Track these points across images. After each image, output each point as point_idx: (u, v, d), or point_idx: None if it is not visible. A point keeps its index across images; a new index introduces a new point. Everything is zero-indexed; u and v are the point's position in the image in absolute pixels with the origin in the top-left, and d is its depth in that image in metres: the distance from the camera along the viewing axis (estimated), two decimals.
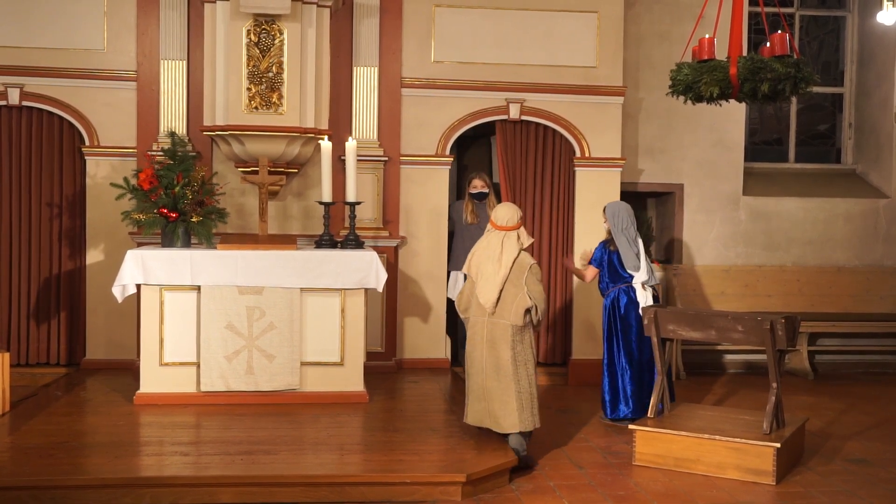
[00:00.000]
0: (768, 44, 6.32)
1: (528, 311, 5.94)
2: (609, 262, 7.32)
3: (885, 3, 8.24)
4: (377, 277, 7.13)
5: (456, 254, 8.52)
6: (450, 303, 8.72)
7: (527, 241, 6.10)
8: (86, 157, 8.25)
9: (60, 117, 8.24)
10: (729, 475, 5.93)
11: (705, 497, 5.59)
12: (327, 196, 7.43)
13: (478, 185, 8.51)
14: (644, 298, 7.22)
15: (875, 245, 10.11)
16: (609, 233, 7.35)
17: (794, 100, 10.19)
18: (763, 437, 5.96)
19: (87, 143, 8.22)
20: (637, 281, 7.27)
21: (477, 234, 8.31)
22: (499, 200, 8.44)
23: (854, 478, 6.05)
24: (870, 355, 10.03)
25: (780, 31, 6.30)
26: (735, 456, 5.93)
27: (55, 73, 8.11)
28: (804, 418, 6.64)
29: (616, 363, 7.29)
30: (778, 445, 5.83)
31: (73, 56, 8.15)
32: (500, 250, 6.01)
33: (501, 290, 5.95)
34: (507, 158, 8.66)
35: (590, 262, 7.44)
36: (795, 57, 6.28)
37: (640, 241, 7.38)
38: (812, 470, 6.21)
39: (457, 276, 8.51)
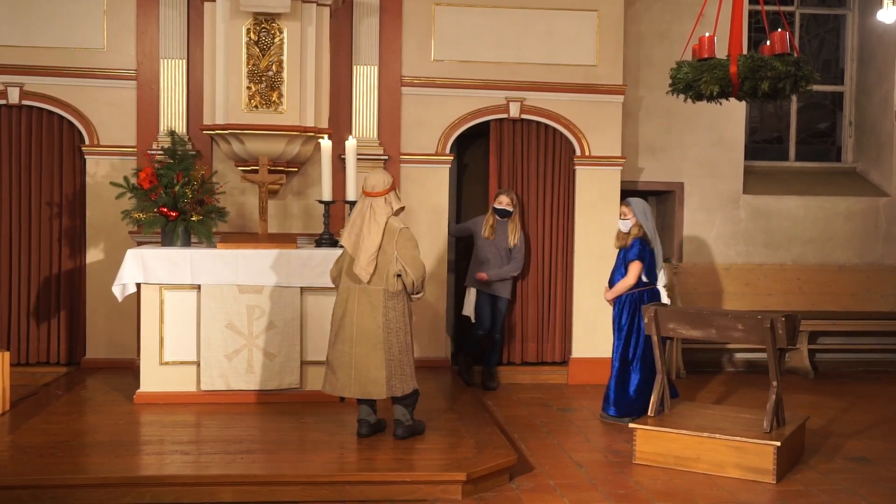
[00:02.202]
0: (768, 42, 6.31)
1: (399, 276, 5.93)
2: (649, 261, 7.28)
3: (886, 1, 8.23)
4: None
5: (472, 269, 8.48)
6: (456, 311, 8.72)
7: (396, 204, 6.06)
8: (86, 157, 8.25)
9: (60, 116, 8.24)
10: (729, 474, 5.93)
11: (706, 495, 5.59)
12: (327, 195, 7.43)
13: (503, 202, 8.32)
14: (667, 300, 7.23)
15: (875, 243, 10.11)
16: (640, 228, 7.29)
17: (794, 98, 10.20)
18: (763, 435, 5.96)
19: (87, 142, 8.22)
20: (661, 283, 7.25)
21: (492, 250, 8.32)
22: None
23: (855, 476, 6.05)
24: (870, 354, 10.02)
25: (780, 30, 6.30)
26: (735, 454, 5.93)
27: (55, 73, 8.11)
28: (805, 417, 6.64)
29: (631, 361, 7.27)
30: (778, 444, 5.83)
31: (73, 55, 8.15)
32: (370, 218, 5.97)
33: (377, 259, 5.93)
34: (499, 158, 8.66)
35: (634, 259, 7.30)
36: (795, 55, 6.28)
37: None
38: (812, 468, 6.21)
39: (471, 291, 8.49)
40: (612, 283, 7.45)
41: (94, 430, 6.35)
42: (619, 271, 7.39)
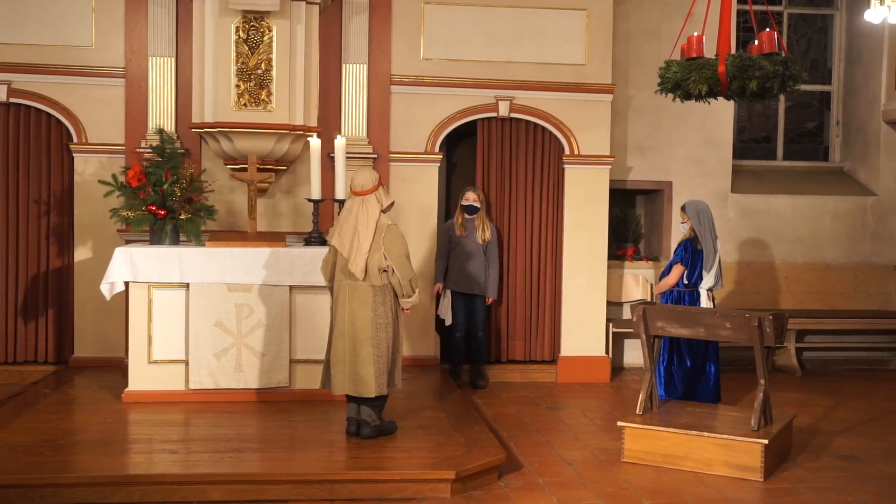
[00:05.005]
0: (756, 42, 6.34)
1: (385, 271, 5.95)
2: (692, 262, 7.28)
3: (873, 1, 8.26)
4: None
5: (449, 270, 8.45)
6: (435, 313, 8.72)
7: (386, 200, 6.07)
8: (74, 155, 8.22)
9: (48, 114, 8.20)
10: (717, 471, 5.95)
11: (694, 493, 5.61)
12: (316, 193, 7.42)
13: (469, 198, 8.34)
14: (707, 304, 7.22)
15: (863, 242, 10.15)
16: (693, 231, 7.30)
17: (782, 98, 10.24)
18: (751, 433, 5.98)
19: (75, 140, 8.19)
20: (704, 286, 7.24)
21: (467, 248, 8.32)
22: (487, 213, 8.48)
23: (842, 474, 6.08)
24: (858, 352, 10.07)
25: (768, 29, 6.33)
26: (723, 452, 5.95)
27: (43, 70, 8.08)
28: (792, 415, 6.67)
29: (669, 366, 7.29)
30: (766, 442, 5.86)
31: (62, 53, 8.12)
32: (362, 216, 5.98)
33: (368, 257, 5.93)
34: (486, 156, 8.66)
35: (675, 262, 7.36)
36: (783, 55, 6.31)
37: (719, 244, 7.36)
38: (800, 466, 6.23)
39: (446, 292, 8.48)
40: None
41: (82, 428, 6.33)
42: (667, 270, 7.49)
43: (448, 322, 8.41)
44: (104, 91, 8.20)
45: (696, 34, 6.48)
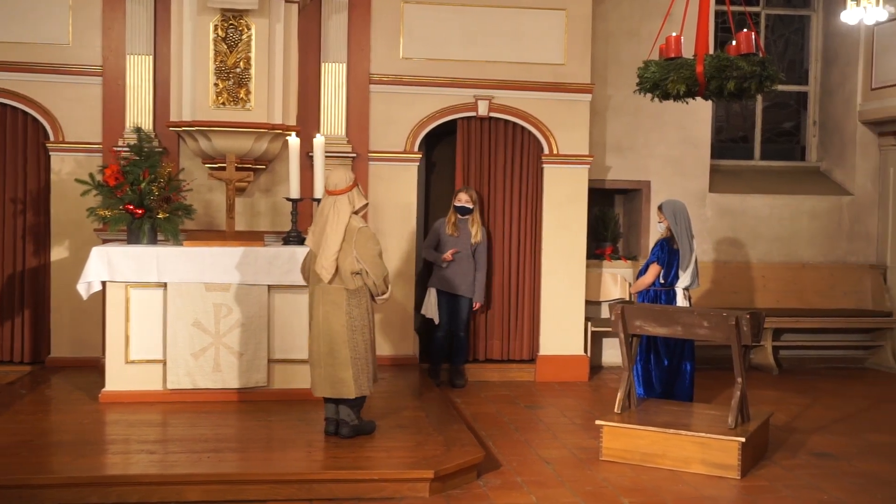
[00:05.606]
0: (734, 42, 6.37)
1: (357, 274, 5.92)
2: (668, 261, 7.30)
3: (849, 2, 8.33)
4: None
5: (435, 269, 8.45)
6: (418, 311, 8.70)
7: (359, 202, 6.01)
8: (50, 153, 8.17)
9: (25, 112, 8.14)
10: (694, 469, 5.99)
11: (671, 491, 5.63)
12: (295, 192, 7.41)
13: (463, 199, 8.34)
14: (683, 303, 7.25)
15: (839, 242, 10.23)
16: (670, 231, 7.32)
17: (759, 98, 10.31)
18: (728, 431, 6.01)
19: (51, 138, 8.13)
20: (680, 285, 7.27)
21: (457, 247, 8.32)
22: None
23: (818, 471, 6.13)
24: (833, 350, 10.15)
25: (745, 30, 6.36)
26: (700, 450, 5.99)
27: (19, 68, 8.01)
28: (769, 413, 6.71)
29: (647, 365, 7.32)
30: (743, 440, 5.89)
31: (38, 50, 8.06)
32: (332, 216, 5.93)
33: (337, 258, 5.90)
34: (466, 156, 8.67)
35: (651, 261, 7.38)
36: (761, 55, 6.35)
37: (696, 244, 7.38)
38: (777, 464, 6.28)
39: (431, 291, 8.47)
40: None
41: (58, 429, 6.30)
42: (644, 269, 7.51)
43: (436, 321, 8.41)
44: (81, 89, 8.14)
45: (674, 34, 6.51)
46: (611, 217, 9.92)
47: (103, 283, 6.95)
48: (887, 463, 6.37)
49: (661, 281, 7.33)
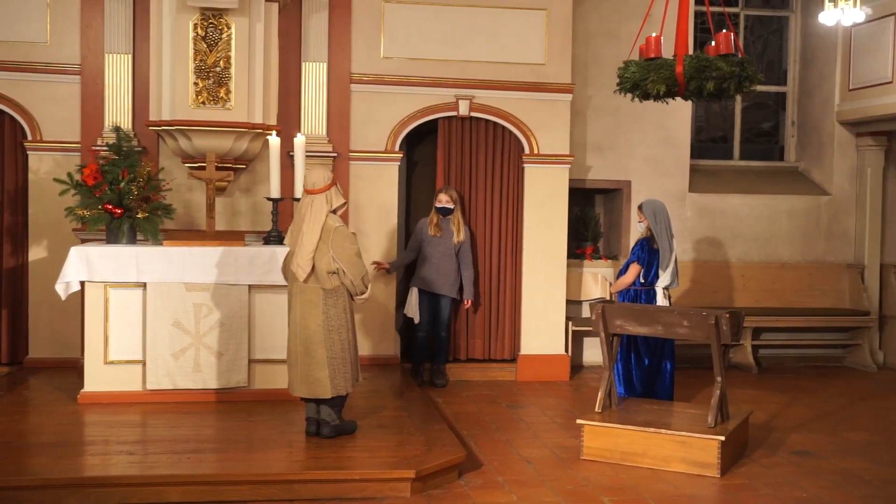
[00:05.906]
0: (714, 43, 6.41)
1: (334, 273, 5.90)
2: (648, 261, 7.32)
3: (827, 3, 8.39)
4: None
5: (417, 268, 8.46)
6: (401, 311, 8.68)
7: (336, 201, 5.98)
8: (28, 153, 8.11)
9: (2, 111, 8.08)
10: (674, 468, 6.01)
11: (651, 490, 5.65)
12: (275, 192, 7.39)
13: (442, 200, 8.35)
14: (664, 302, 7.27)
15: (817, 241, 10.30)
16: (650, 230, 7.34)
17: (738, 98, 10.36)
18: (708, 430, 6.04)
19: (29, 137, 8.07)
20: (660, 285, 7.28)
21: (440, 248, 8.32)
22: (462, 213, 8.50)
23: (797, 469, 6.17)
24: (812, 349, 10.23)
25: (725, 31, 6.39)
26: (680, 449, 6.01)
27: None
28: (748, 411, 6.75)
29: (628, 364, 7.33)
30: (722, 438, 5.92)
31: (15, 49, 8.00)
32: (309, 215, 5.90)
33: (314, 257, 5.88)
34: (447, 155, 8.67)
35: (631, 261, 7.40)
36: (740, 56, 6.38)
37: (676, 243, 7.39)
38: (756, 462, 6.31)
39: (412, 291, 8.47)
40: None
41: (37, 430, 6.24)
42: (624, 268, 7.53)
43: (417, 320, 8.40)
44: (59, 88, 8.09)
45: (654, 35, 6.54)
46: (591, 217, 9.95)
47: (82, 283, 6.91)
48: (865, 460, 6.42)
49: (642, 280, 7.36)
